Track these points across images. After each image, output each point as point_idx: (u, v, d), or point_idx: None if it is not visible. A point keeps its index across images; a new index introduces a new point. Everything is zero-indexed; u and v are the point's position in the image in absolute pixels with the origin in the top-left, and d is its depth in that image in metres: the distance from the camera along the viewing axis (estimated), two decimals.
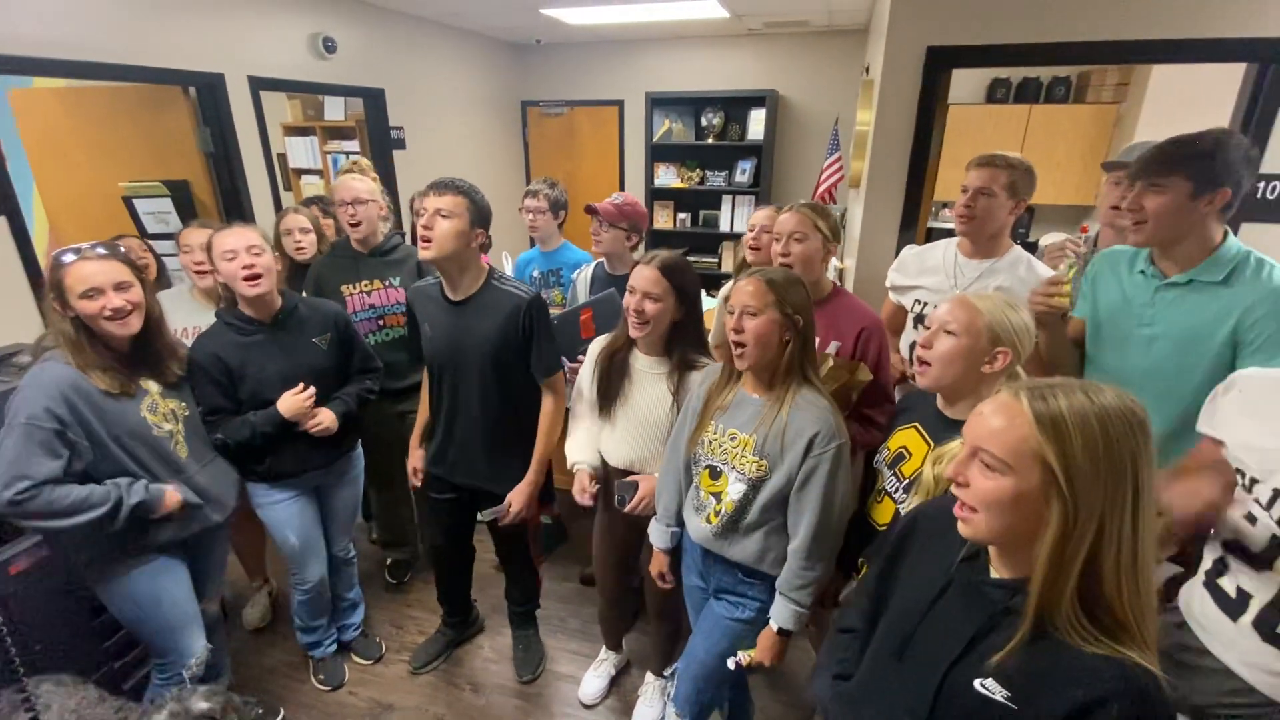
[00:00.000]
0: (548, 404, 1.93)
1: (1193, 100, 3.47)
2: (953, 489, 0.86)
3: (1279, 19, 2.20)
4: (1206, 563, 1.16)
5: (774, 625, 1.47)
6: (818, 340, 1.76)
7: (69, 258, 1.48)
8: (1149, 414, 0.76)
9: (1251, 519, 1.05)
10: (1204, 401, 1.44)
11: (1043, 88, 4.32)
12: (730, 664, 1.51)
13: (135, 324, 1.55)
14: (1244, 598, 1.06)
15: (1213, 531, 1.17)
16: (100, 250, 1.52)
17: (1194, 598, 1.17)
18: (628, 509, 1.75)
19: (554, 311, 2.22)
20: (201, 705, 1.32)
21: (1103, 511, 0.74)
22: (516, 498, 1.94)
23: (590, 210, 2.36)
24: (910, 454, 1.39)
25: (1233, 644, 1.08)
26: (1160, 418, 1.48)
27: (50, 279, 1.49)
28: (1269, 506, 1.02)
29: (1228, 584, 1.09)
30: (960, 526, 0.86)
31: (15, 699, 1.34)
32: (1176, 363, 1.49)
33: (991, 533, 0.82)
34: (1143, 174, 1.44)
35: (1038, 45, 2.43)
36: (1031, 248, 2.16)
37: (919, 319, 2.00)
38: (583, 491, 1.83)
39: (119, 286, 1.51)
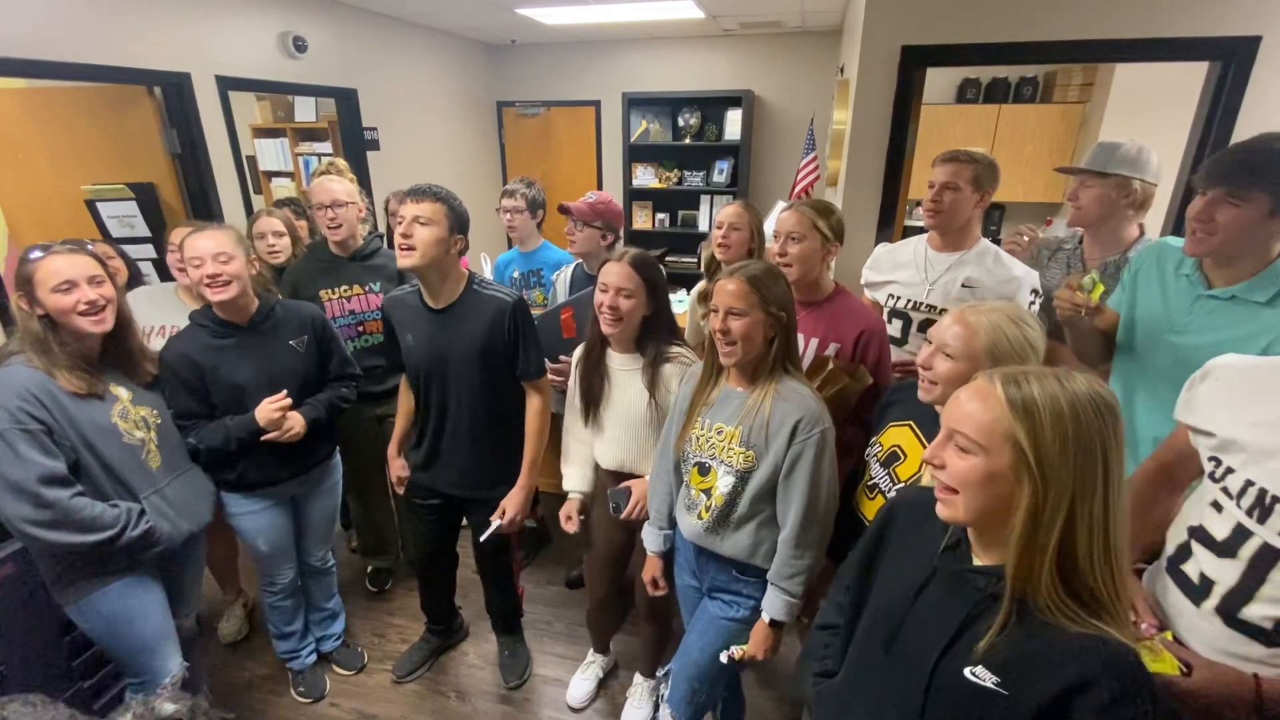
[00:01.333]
0: (534, 405, 1.92)
1: (1155, 100, 3.58)
2: (931, 471, 0.89)
3: (1240, 18, 2.27)
4: (1170, 548, 1.15)
5: (765, 616, 1.47)
6: (817, 342, 1.77)
7: (37, 254, 1.44)
8: (1168, 420, 0.76)
9: (1218, 506, 1.05)
10: None
11: (1011, 88, 4.41)
12: (723, 658, 1.51)
13: (109, 321, 1.51)
14: (1207, 584, 1.06)
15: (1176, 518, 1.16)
16: (69, 245, 1.48)
17: (1157, 582, 1.17)
18: (623, 515, 1.75)
19: (535, 312, 2.20)
20: (168, 708, 1.27)
21: (1073, 492, 0.78)
22: (510, 504, 1.92)
23: (564, 210, 2.34)
24: (905, 454, 1.39)
25: (1195, 629, 1.07)
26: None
27: (17, 275, 1.44)
28: (1238, 496, 1.02)
29: (1190, 569, 1.09)
30: (939, 508, 0.88)
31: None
32: None
33: (969, 513, 0.85)
34: (1220, 183, 1.30)
35: (1009, 44, 2.47)
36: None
37: (893, 313, 2.04)
38: (569, 519, 1.89)
39: (92, 280, 1.47)
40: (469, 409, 1.87)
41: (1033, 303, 1.85)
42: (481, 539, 1.96)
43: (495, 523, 1.92)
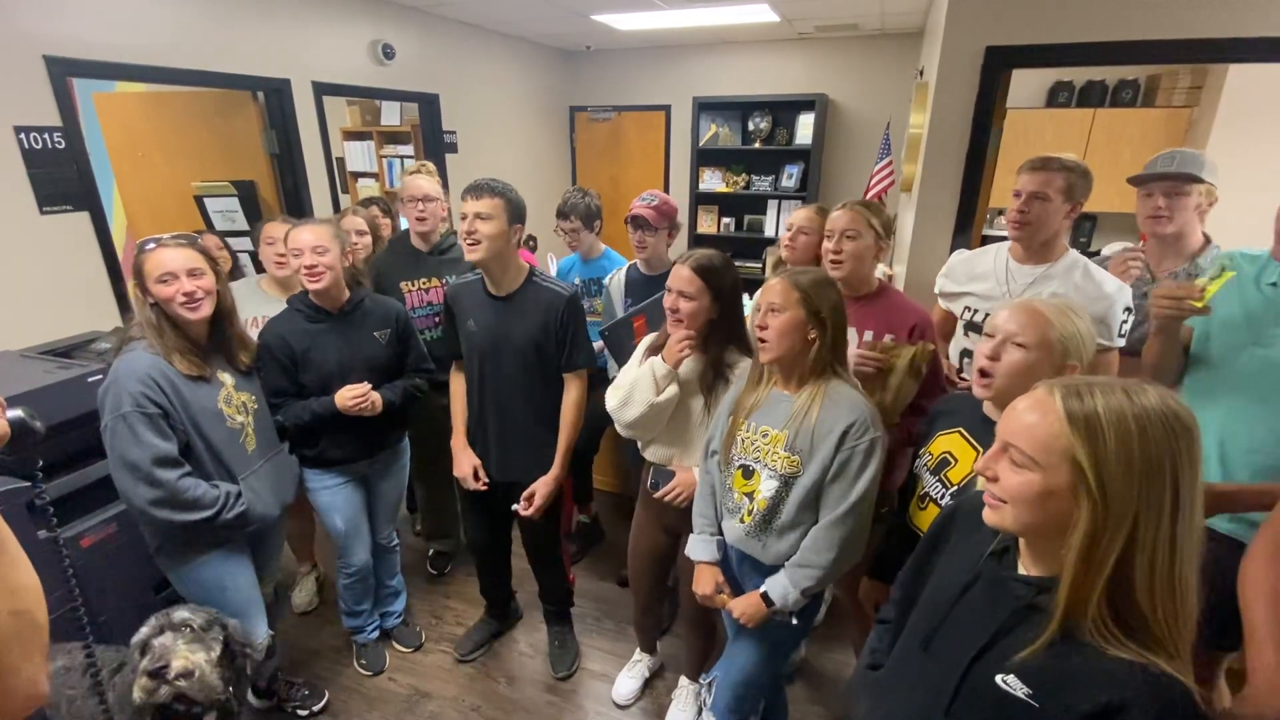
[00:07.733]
0: (571, 397, 1.96)
1: (1274, 104, 3.29)
2: (982, 483, 0.86)
3: None
4: None
5: (762, 588, 1.46)
6: (871, 334, 1.77)
7: (150, 246, 1.57)
8: (1246, 435, 0.71)
9: None
10: None
11: (1108, 91, 4.14)
12: (718, 601, 1.56)
13: (206, 310, 1.62)
14: None
15: None
16: (178, 239, 1.61)
17: None
18: (658, 494, 1.76)
19: (594, 319, 2.19)
20: (182, 614, 1.42)
21: (1136, 515, 0.73)
22: (540, 489, 1.97)
23: (639, 222, 2.31)
24: (956, 459, 1.35)
25: None
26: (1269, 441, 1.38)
27: (133, 265, 1.59)
28: None
29: None
30: (986, 513, 0.86)
31: (80, 660, 1.43)
32: None
33: (1018, 524, 0.83)
34: None
35: (1105, 44, 2.33)
36: (1094, 257, 2.07)
37: (970, 326, 1.95)
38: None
39: (192, 273, 1.58)
40: (520, 397, 1.93)
41: (1125, 321, 1.74)
42: (513, 508, 2.00)
43: (520, 505, 1.97)
